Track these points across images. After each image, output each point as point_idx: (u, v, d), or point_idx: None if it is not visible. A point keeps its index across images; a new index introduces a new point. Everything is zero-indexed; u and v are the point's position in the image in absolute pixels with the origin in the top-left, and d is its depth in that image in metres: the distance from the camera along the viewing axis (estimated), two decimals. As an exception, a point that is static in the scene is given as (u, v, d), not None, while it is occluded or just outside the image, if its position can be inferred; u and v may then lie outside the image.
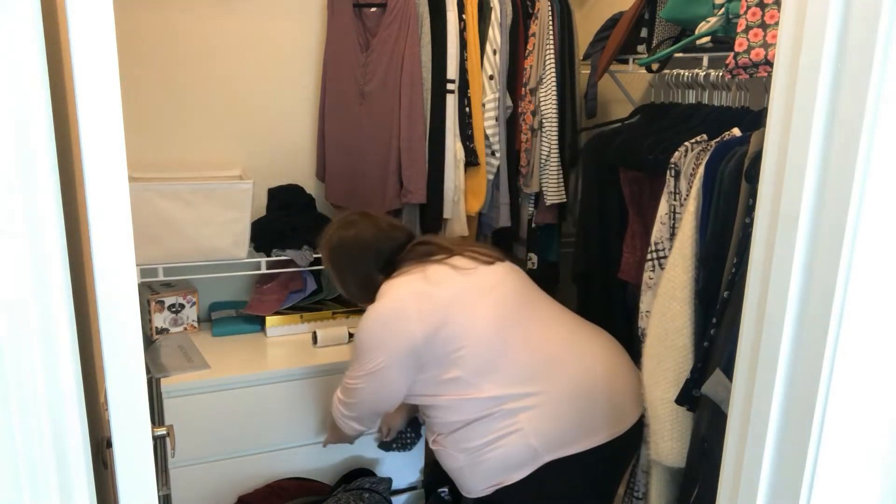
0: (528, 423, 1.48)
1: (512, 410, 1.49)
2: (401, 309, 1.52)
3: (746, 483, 0.84)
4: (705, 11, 1.61)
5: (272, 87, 2.24)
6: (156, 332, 2.11)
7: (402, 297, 1.54)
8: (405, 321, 1.51)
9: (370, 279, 1.65)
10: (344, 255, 1.70)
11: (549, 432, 1.48)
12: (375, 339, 1.54)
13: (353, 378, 1.60)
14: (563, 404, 1.50)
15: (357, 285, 1.70)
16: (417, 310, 1.51)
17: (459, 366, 1.50)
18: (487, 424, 1.50)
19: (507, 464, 1.50)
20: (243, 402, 1.89)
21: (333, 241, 1.71)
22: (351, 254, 1.69)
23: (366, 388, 1.58)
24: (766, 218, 0.80)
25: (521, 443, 1.48)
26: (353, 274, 1.69)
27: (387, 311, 1.54)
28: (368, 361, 1.55)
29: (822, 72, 0.71)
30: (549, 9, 2.06)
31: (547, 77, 2.07)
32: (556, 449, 1.49)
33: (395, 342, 1.51)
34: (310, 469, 2.02)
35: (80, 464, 0.73)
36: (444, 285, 1.55)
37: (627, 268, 1.78)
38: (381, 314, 1.54)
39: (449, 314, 1.51)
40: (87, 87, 0.67)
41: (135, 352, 0.75)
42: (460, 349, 1.50)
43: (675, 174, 1.54)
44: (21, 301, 0.66)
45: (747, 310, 0.84)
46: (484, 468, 1.51)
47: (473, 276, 1.58)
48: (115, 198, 0.71)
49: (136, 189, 1.85)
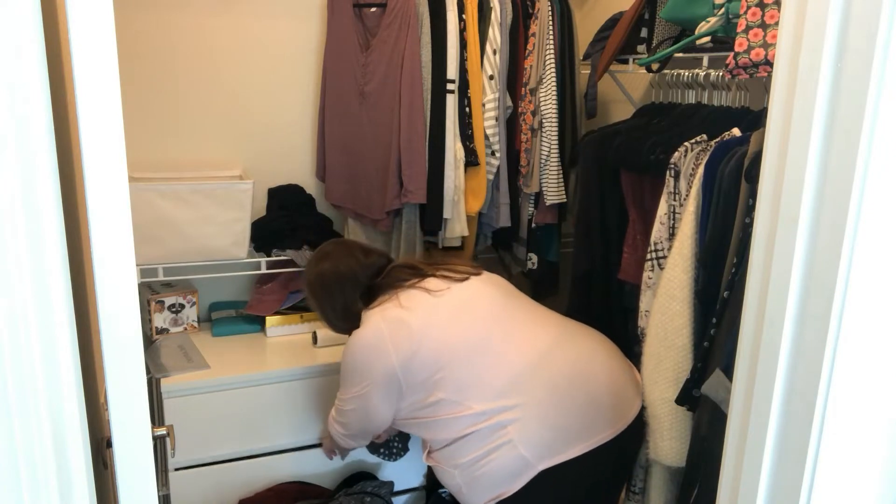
0: (516, 433, 1.47)
1: (500, 423, 1.48)
2: (378, 338, 1.54)
3: (746, 483, 0.84)
4: (705, 11, 1.61)
5: (272, 86, 2.24)
6: (156, 332, 2.11)
7: (378, 326, 1.56)
8: (382, 351, 1.53)
9: (349, 309, 1.67)
10: (321, 288, 1.71)
11: (538, 441, 1.47)
12: (357, 366, 1.57)
13: (342, 400, 1.64)
14: (550, 410, 1.49)
15: (338, 316, 1.72)
16: (392, 339, 1.53)
17: (441, 388, 1.52)
18: (477, 439, 1.50)
19: (502, 476, 1.49)
20: (243, 402, 1.89)
21: (311, 275, 1.74)
22: (327, 286, 1.70)
23: (354, 411, 1.62)
24: (766, 218, 0.80)
25: (512, 454, 1.47)
26: (332, 305, 1.71)
27: (365, 340, 1.56)
28: (353, 385, 1.58)
29: (822, 72, 0.71)
30: (549, 9, 2.06)
31: (547, 77, 2.07)
32: (549, 457, 1.47)
33: (374, 371, 1.54)
34: (310, 468, 2.02)
35: (80, 464, 0.73)
36: (416, 311, 1.56)
37: (627, 268, 1.78)
38: (360, 343, 1.56)
39: (422, 340, 1.52)
40: (87, 87, 0.67)
41: (135, 352, 0.75)
42: (438, 372, 1.51)
43: (674, 174, 1.54)
44: (21, 301, 0.66)
45: (747, 310, 0.84)
46: (481, 483, 1.51)
47: (446, 297, 1.60)
48: (115, 198, 0.71)
49: (136, 189, 1.85)
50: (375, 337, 1.55)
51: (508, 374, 1.52)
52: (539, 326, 1.61)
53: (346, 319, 1.68)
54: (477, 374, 1.52)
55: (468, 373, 1.52)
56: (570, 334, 1.63)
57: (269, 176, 2.26)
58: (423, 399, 1.54)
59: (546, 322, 1.64)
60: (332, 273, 1.70)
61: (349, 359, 1.59)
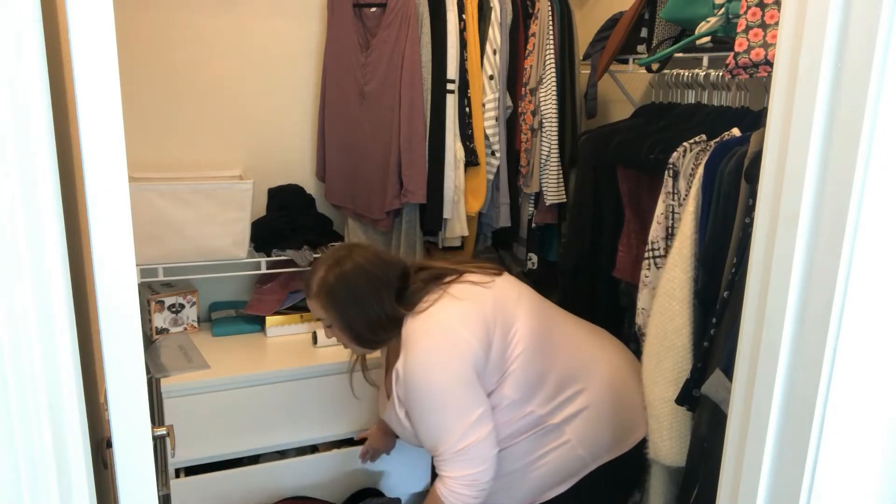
0: (574, 433, 1.46)
1: (556, 424, 1.46)
2: (458, 336, 1.36)
3: (746, 483, 0.84)
4: (705, 11, 1.61)
5: (272, 86, 2.24)
6: (156, 332, 2.11)
7: (450, 325, 1.38)
8: (466, 347, 1.35)
9: (387, 315, 1.43)
10: (348, 294, 1.43)
11: (594, 440, 1.47)
12: (453, 377, 1.35)
13: (462, 439, 1.34)
14: (605, 406, 1.49)
15: (371, 327, 1.45)
16: (471, 332, 1.37)
17: (508, 384, 1.42)
18: (530, 443, 1.45)
19: (556, 478, 1.47)
20: (243, 402, 1.89)
21: (329, 281, 1.44)
22: (356, 290, 1.43)
23: (484, 432, 1.36)
24: (766, 218, 0.80)
25: (571, 455, 1.46)
26: (364, 313, 1.44)
27: (446, 345, 1.36)
28: (462, 412, 1.35)
29: (822, 72, 0.71)
30: (549, 9, 2.06)
31: (547, 77, 2.07)
32: (601, 455, 1.48)
33: (463, 373, 1.36)
34: (310, 468, 2.01)
35: (80, 464, 0.73)
36: (480, 302, 1.42)
37: (622, 266, 1.78)
38: (440, 351, 1.36)
39: (495, 330, 1.41)
40: (87, 87, 0.67)
41: (135, 352, 0.75)
42: (512, 364, 1.42)
43: (673, 174, 1.54)
44: (21, 301, 0.66)
45: (747, 310, 0.84)
46: (528, 485, 1.47)
47: (496, 289, 1.47)
48: (115, 198, 0.71)
49: (136, 189, 1.85)
50: (455, 335, 1.35)
51: (570, 369, 1.49)
52: (577, 326, 1.61)
53: (381, 329, 1.45)
54: (543, 368, 1.45)
55: (534, 368, 1.44)
56: (600, 333, 1.64)
57: (269, 176, 2.26)
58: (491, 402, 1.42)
59: (579, 322, 1.64)
60: (362, 275, 1.44)
61: (440, 382, 1.33)
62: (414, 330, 1.39)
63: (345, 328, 1.46)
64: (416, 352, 1.36)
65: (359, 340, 1.48)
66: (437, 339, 1.37)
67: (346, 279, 1.43)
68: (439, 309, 1.40)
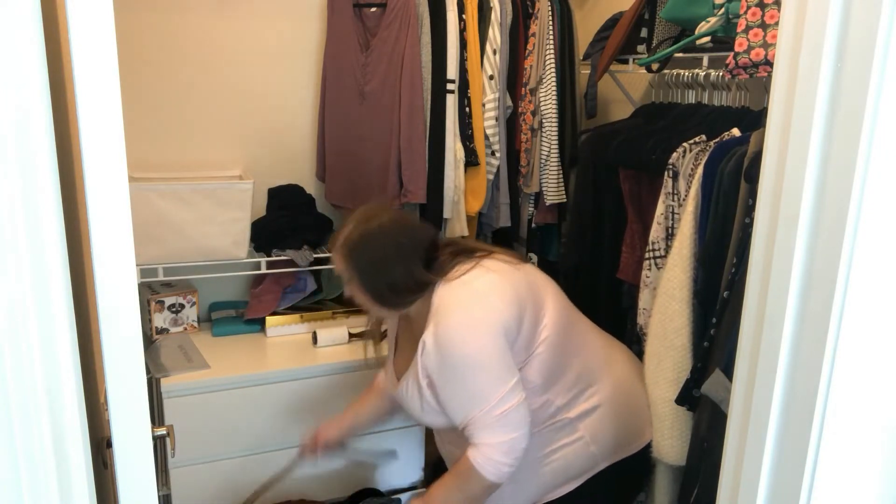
0: (588, 430, 1.46)
1: (571, 419, 1.45)
2: (493, 306, 1.33)
3: (746, 483, 0.84)
4: (705, 11, 1.61)
5: (272, 86, 2.24)
6: (156, 332, 2.11)
7: (485, 294, 1.34)
8: (500, 318, 1.33)
9: (414, 277, 1.39)
10: (370, 253, 1.40)
11: (606, 439, 1.47)
12: (491, 344, 1.32)
13: (501, 404, 1.31)
14: (617, 407, 1.49)
15: (392, 288, 1.41)
16: (505, 305, 1.34)
17: (533, 366, 1.40)
18: (546, 435, 1.45)
19: (568, 474, 1.46)
20: (243, 402, 1.89)
21: (353, 238, 1.40)
22: (383, 247, 1.40)
23: (517, 409, 1.32)
24: (766, 218, 0.80)
25: (584, 452, 1.46)
26: (388, 271, 1.39)
27: (482, 313, 1.33)
28: (497, 377, 1.32)
29: (822, 72, 0.71)
30: (549, 9, 2.06)
31: (547, 77, 2.07)
32: (610, 455, 1.48)
33: (499, 341, 1.33)
34: (310, 468, 2.01)
35: (80, 464, 0.73)
36: (511, 278, 1.39)
37: (626, 267, 1.78)
38: (476, 318, 1.32)
39: (526, 306, 1.38)
40: (87, 87, 0.67)
41: (135, 352, 0.75)
42: (539, 346, 1.40)
43: (672, 174, 1.54)
44: (21, 301, 0.66)
45: (747, 310, 0.84)
46: (540, 480, 1.46)
47: (526, 272, 1.44)
48: (115, 198, 0.71)
49: (136, 189, 1.85)
50: (489, 306, 1.32)
51: (586, 367, 1.49)
52: (590, 325, 1.61)
53: (406, 292, 1.40)
54: (565, 360, 1.44)
55: (558, 356, 1.42)
56: (609, 337, 1.64)
57: (269, 176, 2.26)
58: None
59: (590, 322, 1.62)
60: (388, 236, 1.39)
61: (479, 347, 1.30)
62: (447, 297, 1.36)
63: (363, 286, 1.42)
64: (451, 319, 1.33)
65: (379, 300, 1.43)
66: (473, 306, 1.34)
67: (371, 238, 1.40)
68: (473, 278, 1.37)
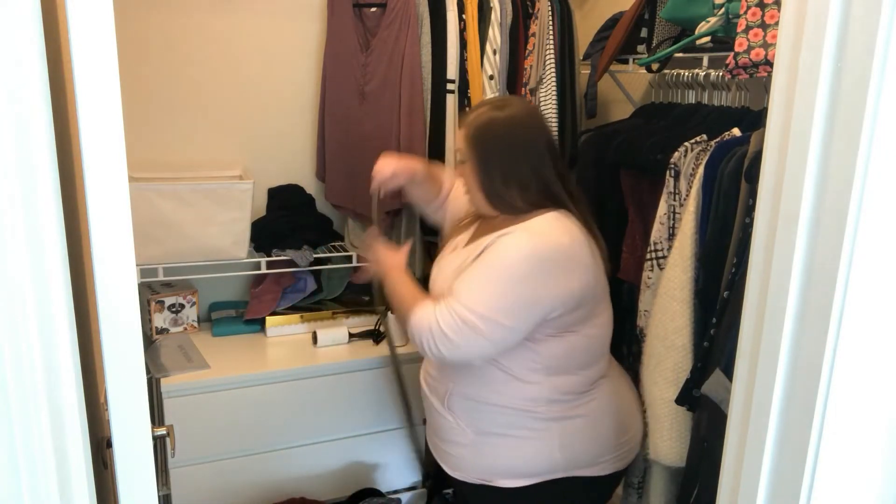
0: (558, 433, 1.42)
1: (552, 418, 1.41)
2: (569, 275, 1.30)
3: (746, 483, 0.84)
4: (705, 11, 1.61)
5: (272, 87, 2.24)
6: (156, 332, 2.11)
7: (577, 259, 1.32)
8: (563, 290, 1.29)
9: (543, 182, 1.35)
10: (511, 138, 1.36)
11: (575, 449, 1.44)
12: (532, 287, 1.28)
13: (477, 318, 1.26)
14: (600, 422, 1.47)
15: (518, 183, 1.35)
16: (581, 286, 1.33)
17: (555, 344, 1.36)
18: (520, 418, 1.40)
19: (522, 465, 1.43)
20: (243, 402, 1.89)
21: (482, 120, 1.36)
22: (520, 139, 1.35)
23: (493, 332, 1.26)
24: (766, 218, 0.80)
25: (545, 452, 1.42)
26: (516, 164, 1.35)
27: (557, 266, 1.29)
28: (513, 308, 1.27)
29: (822, 72, 0.71)
30: (549, 9, 2.06)
31: (547, 77, 2.07)
32: (574, 467, 1.45)
33: (538, 298, 1.29)
34: (310, 468, 2.02)
35: (80, 464, 0.73)
36: (598, 271, 1.40)
37: (627, 267, 1.78)
38: (550, 261, 1.29)
39: (584, 303, 1.37)
40: (87, 87, 0.67)
41: (135, 352, 0.75)
42: (573, 335, 1.38)
43: (674, 174, 1.54)
44: (21, 301, 0.66)
45: (747, 310, 0.84)
46: (491, 458, 1.43)
47: (603, 277, 1.44)
48: (115, 198, 0.71)
49: (136, 189, 1.85)
50: (567, 270, 1.30)
51: (592, 377, 1.46)
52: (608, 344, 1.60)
53: (521, 197, 1.35)
54: (583, 362, 1.43)
55: (579, 355, 1.41)
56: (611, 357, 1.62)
57: (269, 176, 2.26)
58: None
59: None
60: (532, 125, 1.37)
61: (521, 274, 1.26)
62: (548, 222, 1.33)
63: (478, 171, 1.37)
64: (533, 238, 1.30)
65: (487, 189, 1.37)
66: (559, 255, 1.30)
67: (513, 123, 1.36)
68: (581, 239, 1.34)
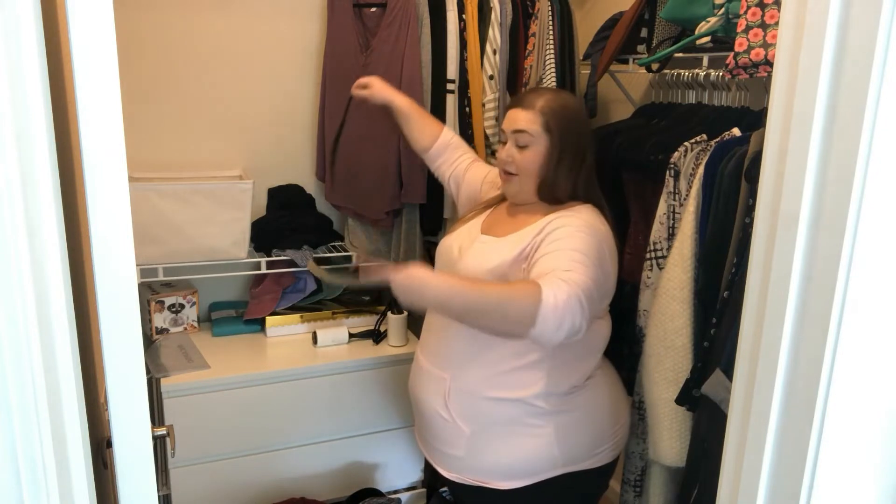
0: (557, 430, 1.41)
1: (548, 412, 1.40)
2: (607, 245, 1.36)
3: (746, 483, 0.84)
4: (705, 11, 1.61)
5: (272, 87, 2.24)
6: (156, 332, 2.11)
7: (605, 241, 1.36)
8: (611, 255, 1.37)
9: (589, 176, 1.43)
10: (579, 127, 1.40)
11: (571, 442, 1.43)
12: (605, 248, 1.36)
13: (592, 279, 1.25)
14: (602, 412, 1.48)
15: (574, 168, 1.40)
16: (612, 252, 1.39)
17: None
18: (519, 413, 1.39)
19: (524, 467, 1.42)
20: (243, 402, 1.89)
21: (554, 106, 1.39)
22: (585, 129, 1.42)
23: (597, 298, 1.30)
24: (766, 218, 0.80)
25: (545, 447, 1.41)
26: (577, 151, 1.40)
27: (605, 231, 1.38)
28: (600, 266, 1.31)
29: (822, 72, 0.71)
30: (549, 9, 2.06)
31: (547, 77, 2.06)
32: (573, 462, 1.45)
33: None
34: (310, 468, 2.02)
35: (80, 464, 0.73)
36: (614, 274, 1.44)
37: (629, 268, 1.78)
38: (603, 237, 1.36)
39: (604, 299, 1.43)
40: (87, 87, 0.67)
41: (135, 352, 0.75)
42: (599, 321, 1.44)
43: (674, 174, 1.54)
44: (21, 301, 0.66)
45: (747, 310, 0.84)
46: (489, 458, 1.42)
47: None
48: (115, 198, 0.71)
49: (136, 189, 1.85)
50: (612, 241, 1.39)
51: (590, 369, 1.47)
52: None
53: (574, 185, 1.41)
54: (585, 353, 1.45)
55: (582, 350, 1.43)
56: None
57: (269, 176, 2.26)
58: None
59: None
60: (585, 123, 1.43)
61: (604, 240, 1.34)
62: (593, 215, 1.40)
63: (550, 155, 1.38)
64: (593, 225, 1.36)
65: (549, 174, 1.39)
66: (608, 241, 1.39)
67: (581, 114, 1.44)
68: (603, 232, 1.39)
